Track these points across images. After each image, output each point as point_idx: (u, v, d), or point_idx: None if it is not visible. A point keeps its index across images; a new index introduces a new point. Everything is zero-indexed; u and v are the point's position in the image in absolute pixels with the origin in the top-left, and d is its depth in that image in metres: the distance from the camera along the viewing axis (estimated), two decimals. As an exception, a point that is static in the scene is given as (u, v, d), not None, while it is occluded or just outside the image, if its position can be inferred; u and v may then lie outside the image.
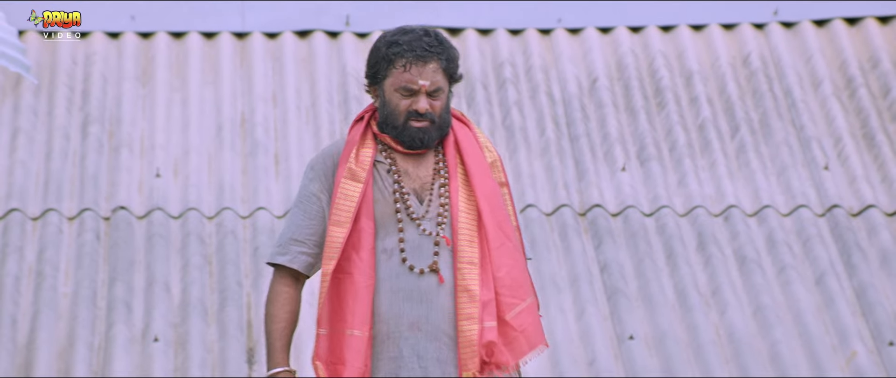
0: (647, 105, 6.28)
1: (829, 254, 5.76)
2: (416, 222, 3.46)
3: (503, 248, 3.46)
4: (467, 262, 3.43)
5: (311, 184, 3.50)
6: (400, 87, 3.47)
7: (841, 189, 5.98)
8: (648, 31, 6.54)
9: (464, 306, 3.43)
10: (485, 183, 3.49)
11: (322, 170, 3.51)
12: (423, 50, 3.47)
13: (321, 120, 6.21)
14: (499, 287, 3.45)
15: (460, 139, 3.51)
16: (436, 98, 3.48)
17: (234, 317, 5.53)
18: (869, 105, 6.27)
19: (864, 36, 6.53)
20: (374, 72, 3.50)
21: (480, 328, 3.41)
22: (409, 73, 3.46)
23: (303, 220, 3.50)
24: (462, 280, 3.43)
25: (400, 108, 3.47)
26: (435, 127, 3.48)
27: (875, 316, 5.56)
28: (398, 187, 3.48)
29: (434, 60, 3.47)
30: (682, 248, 5.76)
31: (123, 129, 6.14)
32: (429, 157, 3.51)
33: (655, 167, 6.04)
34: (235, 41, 6.51)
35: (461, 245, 3.44)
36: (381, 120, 3.51)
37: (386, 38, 3.50)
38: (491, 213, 3.47)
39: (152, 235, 5.76)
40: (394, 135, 3.48)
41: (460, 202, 3.47)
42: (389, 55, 3.47)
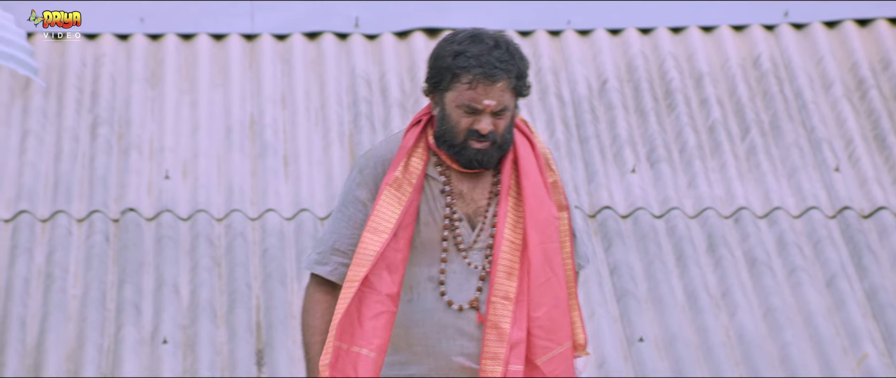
0: (657, 107, 6.29)
1: (840, 256, 5.76)
2: (462, 253, 3.17)
3: (547, 285, 3.15)
4: (502, 296, 3.13)
5: (359, 189, 3.22)
6: (462, 105, 3.15)
7: (852, 191, 5.98)
8: (658, 33, 6.56)
9: (490, 344, 3.13)
10: (540, 209, 3.17)
11: (372, 175, 3.22)
12: (493, 67, 3.14)
13: (330, 122, 6.23)
14: (534, 328, 3.13)
15: (520, 158, 3.19)
16: (500, 117, 3.16)
17: (244, 319, 5.54)
18: (880, 106, 6.27)
19: (875, 37, 6.54)
20: (436, 81, 3.18)
21: (504, 371, 3.12)
22: (475, 92, 3.14)
23: (346, 228, 3.22)
24: (493, 315, 3.13)
25: (460, 126, 3.16)
26: (495, 148, 3.17)
27: (886, 318, 5.56)
28: (450, 212, 3.18)
29: (503, 78, 3.14)
30: (692, 249, 5.76)
31: (132, 131, 6.15)
32: (486, 178, 3.21)
33: (665, 169, 6.05)
34: (244, 43, 6.54)
35: (498, 278, 3.14)
36: (438, 132, 3.20)
37: (453, 45, 3.17)
38: (539, 244, 3.15)
39: (161, 237, 5.77)
40: (450, 153, 3.17)
41: (506, 229, 3.16)
42: (454, 67, 3.15)
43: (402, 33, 6.58)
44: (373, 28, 6.53)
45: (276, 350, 5.49)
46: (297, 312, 5.61)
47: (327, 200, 5.95)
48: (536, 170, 3.20)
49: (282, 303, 5.58)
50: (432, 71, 3.18)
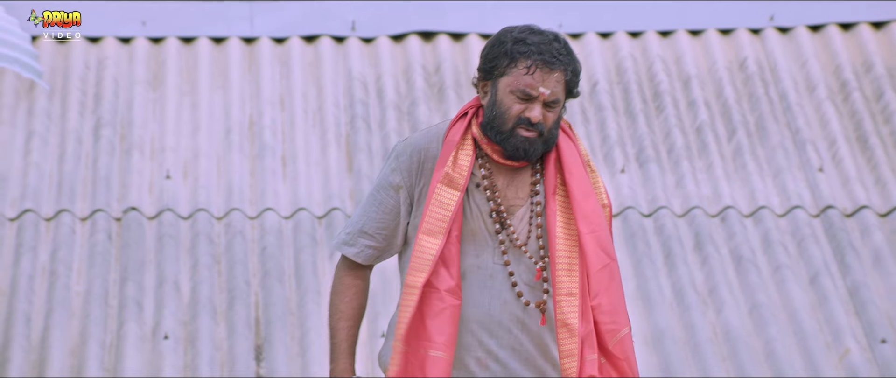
0: (646, 108, 6.30)
1: (823, 254, 5.79)
2: (521, 248, 3.13)
3: (605, 271, 3.12)
4: (566, 294, 3.10)
5: (393, 175, 3.18)
6: (517, 90, 3.12)
7: (835, 190, 6.01)
8: (647, 37, 6.57)
9: (564, 342, 3.10)
10: (587, 202, 3.12)
11: (408, 163, 3.18)
12: (552, 56, 3.11)
13: (327, 123, 6.25)
14: (598, 315, 3.12)
15: (564, 155, 3.14)
16: (551, 109, 3.12)
17: (243, 315, 5.56)
18: (862, 108, 6.29)
19: (857, 41, 6.56)
20: (492, 66, 3.13)
21: (580, 363, 3.10)
22: (532, 77, 3.11)
23: (375, 212, 3.19)
24: (561, 314, 3.10)
25: (511, 112, 3.12)
26: (542, 140, 3.12)
27: (868, 314, 5.60)
28: (495, 205, 3.14)
29: (560, 69, 3.11)
30: (680, 247, 5.79)
31: (135, 132, 6.17)
32: (524, 176, 3.17)
33: (654, 169, 6.07)
34: (244, 46, 6.55)
35: (559, 275, 3.11)
36: (486, 120, 3.15)
37: (512, 33, 3.13)
38: (592, 233, 3.11)
39: (162, 236, 5.79)
40: (496, 139, 3.13)
41: (558, 228, 3.12)
42: (514, 52, 3.11)
43: (398, 36, 6.59)
44: (369, 31, 6.54)
45: (274, 346, 5.52)
46: (295, 309, 5.62)
47: (324, 200, 5.97)
48: (581, 166, 3.17)
49: (280, 300, 5.61)
50: (488, 58, 3.14)
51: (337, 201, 5.97)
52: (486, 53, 3.17)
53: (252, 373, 5.45)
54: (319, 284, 5.69)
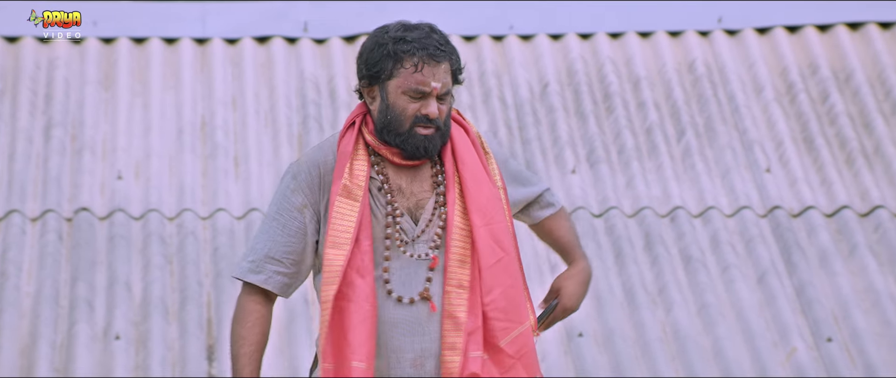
0: (596, 109, 6.32)
1: (771, 253, 5.81)
2: (401, 247, 3.04)
3: (499, 266, 3.04)
4: (456, 285, 3.02)
5: (294, 196, 3.07)
6: (409, 89, 3.03)
7: (782, 191, 6.03)
8: (597, 38, 6.60)
9: (448, 335, 3.01)
10: (480, 192, 3.06)
11: (307, 180, 3.08)
12: (436, 48, 3.03)
13: (280, 123, 6.23)
14: (490, 311, 3.02)
15: (457, 145, 3.09)
16: (444, 102, 3.06)
17: (195, 315, 5.55)
18: (809, 110, 6.34)
19: (803, 43, 6.60)
20: (376, 71, 3.04)
21: (463, 360, 3.00)
22: (422, 74, 3.02)
23: (281, 235, 3.07)
24: (448, 305, 3.01)
25: (407, 113, 3.04)
26: (439, 135, 3.07)
27: (814, 313, 5.63)
28: (391, 209, 3.05)
29: (446, 60, 3.05)
30: (630, 247, 5.80)
31: (86, 133, 6.13)
32: (424, 171, 3.10)
33: (604, 170, 6.09)
34: (196, 47, 6.53)
35: (451, 266, 3.02)
36: (380, 125, 3.06)
37: (389, 33, 3.06)
38: (483, 226, 3.04)
39: (114, 236, 5.77)
40: (396, 142, 3.05)
41: (456, 217, 3.04)
42: (397, 53, 3.02)
43: (350, 37, 6.59)
44: (321, 32, 6.52)
45: (225, 346, 5.51)
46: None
47: None
48: (474, 154, 3.10)
49: (232, 300, 5.57)
50: (370, 63, 3.05)
51: None
52: (366, 59, 3.08)
53: (204, 373, 5.43)
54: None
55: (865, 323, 5.63)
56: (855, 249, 5.84)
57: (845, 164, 6.16)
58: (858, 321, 5.63)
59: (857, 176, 6.11)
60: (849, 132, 6.25)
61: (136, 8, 6.34)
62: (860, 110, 6.36)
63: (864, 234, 5.90)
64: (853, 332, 5.60)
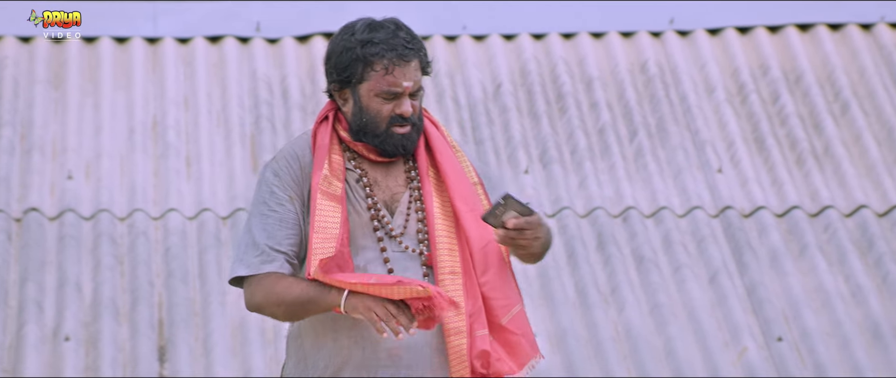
0: (549, 110, 6.33)
1: (722, 253, 5.83)
2: (396, 239, 3.06)
3: (489, 248, 3.05)
4: (449, 272, 3.02)
5: (281, 190, 3.06)
6: (382, 92, 3.04)
7: (733, 191, 6.05)
8: (550, 39, 6.60)
9: (451, 321, 3.01)
10: (460, 182, 3.08)
11: (288, 172, 3.08)
12: (404, 48, 3.05)
13: (232, 123, 6.22)
14: (488, 290, 3.04)
15: (431, 140, 3.10)
16: (416, 98, 3.08)
17: (146, 316, 5.53)
18: (760, 110, 6.35)
19: (755, 44, 6.62)
20: (347, 75, 3.05)
21: (470, 340, 3.01)
22: (393, 76, 3.04)
23: (279, 229, 3.05)
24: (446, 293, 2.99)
25: (382, 114, 3.05)
26: (415, 130, 3.08)
27: (765, 313, 5.65)
28: (372, 202, 3.07)
29: (415, 58, 3.06)
30: (583, 248, 5.82)
31: (35, 133, 6.10)
32: (397, 166, 3.12)
33: (557, 170, 6.10)
34: (147, 46, 6.51)
35: (440, 255, 3.03)
36: (356, 127, 3.08)
37: (356, 36, 3.07)
38: (469, 212, 3.05)
39: (64, 236, 5.74)
40: (375, 143, 3.07)
41: (435, 208, 3.06)
42: (366, 56, 3.03)
43: (303, 37, 6.57)
44: (274, 32, 6.51)
45: (177, 347, 5.49)
46: (199, 310, 5.59)
47: (229, 200, 5.95)
48: (449, 148, 3.12)
49: (184, 300, 5.58)
50: (340, 67, 3.06)
51: (242, 202, 5.95)
52: (335, 63, 3.08)
53: (155, 373, 5.41)
54: (224, 285, 5.67)
55: (815, 322, 5.66)
56: (805, 249, 5.87)
57: (796, 164, 6.19)
58: (808, 321, 5.66)
59: (807, 176, 6.14)
60: (799, 133, 6.28)
61: (86, 7, 6.28)
62: (810, 111, 6.39)
63: (814, 234, 5.93)
64: (803, 331, 5.63)
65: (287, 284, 3.02)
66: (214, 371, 5.41)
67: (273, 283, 3.03)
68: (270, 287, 3.03)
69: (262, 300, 3.03)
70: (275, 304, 3.03)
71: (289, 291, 3.02)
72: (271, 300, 3.03)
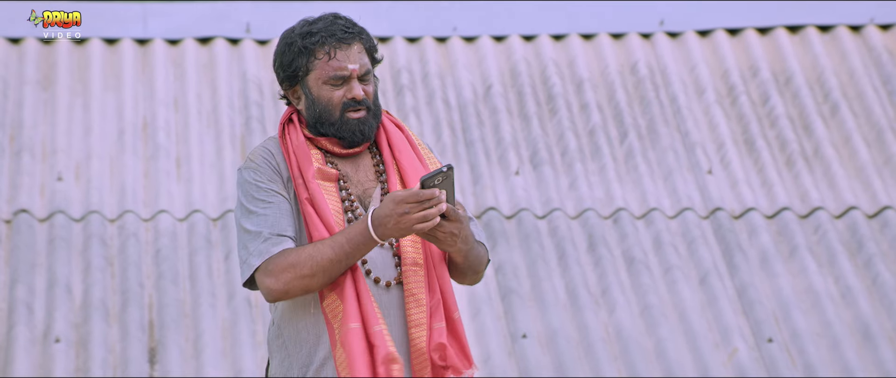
0: (539, 111, 6.33)
1: (713, 255, 5.84)
2: None
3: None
4: (411, 264, 3.07)
5: (269, 183, 3.07)
6: (329, 78, 3.07)
7: (723, 192, 6.06)
8: (540, 40, 6.60)
9: (412, 312, 3.06)
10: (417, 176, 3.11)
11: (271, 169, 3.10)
12: (343, 32, 3.07)
13: (222, 124, 6.21)
14: (444, 284, 3.10)
15: (391, 137, 3.13)
16: (367, 83, 3.10)
17: (136, 317, 5.53)
18: (750, 112, 6.36)
19: (744, 46, 6.63)
20: (293, 70, 3.08)
21: (429, 333, 3.04)
22: (336, 60, 3.06)
23: (281, 218, 3.05)
24: (408, 284, 3.06)
25: (333, 101, 3.08)
26: (372, 115, 3.10)
27: (755, 314, 5.66)
28: (346, 194, 3.09)
29: (357, 41, 3.09)
30: (573, 249, 5.82)
31: (25, 134, 6.09)
32: (366, 160, 3.14)
33: (548, 171, 6.10)
34: (137, 47, 6.49)
35: (404, 246, 3.07)
36: (313, 121, 3.10)
37: (295, 31, 3.10)
38: None
39: (54, 238, 5.73)
40: (332, 132, 3.08)
41: None
42: (308, 46, 3.06)
43: None
44: (264, 33, 6.52)
45: (168, 348, 5.49)
46: (189, 311, 5.58)
47: (219, 202, 5.95)
48: (407, 144, 3.15)
49: (174, 301, 5.59)
50: (285, 65, 3.09)
51: (232, 203, 5.94)
52: (279, 62, 3.10)
53: (146, 375, 5.41)
54: (214, 286, 5.67)
55: (805, 323, 5.67)
56: (795, 251, 5.88)
57: (785, 165, 6.20)
58: (798, 322, 5.66)
59: (797, 178, 6.15)
60: (789, 134, 6.30)
61: (77, 8, 6.25)
62: (800, 112, 6.40)
63: (804, 235, 5.94)
64: (793, 332, 5.64)
65: (309, 253, 3.00)
66: (205, 372, 5.40)
67: (294, 260, 3.01)
68: (294, 263, 3.01)
69: (290, 280, 3.02)
70: (308, 275, 3.03)
71: (319, 255, 3.00)
72: (303, 273, 3.02)
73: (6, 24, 6.38)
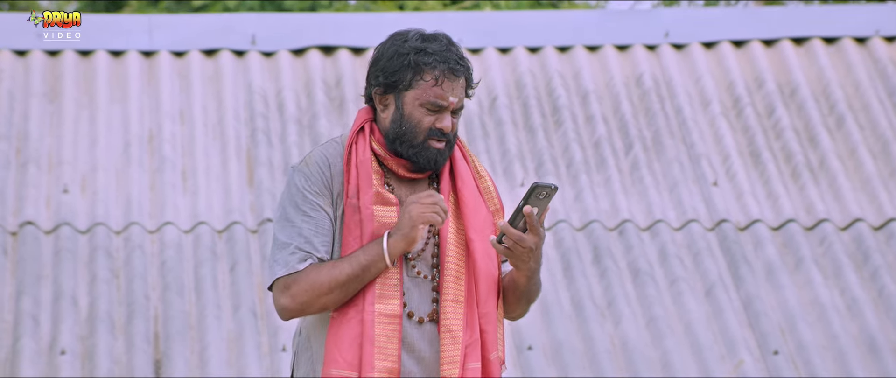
0: (544, 123, 6.33)
1: (718, 266, 5.84)
2: (410, 261, 3.05)
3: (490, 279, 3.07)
4: (451, 300, 3.02)
5: (315, 197, 3.01)
6: (427, 102, 3.02)
7: (729, 204, 6.06)
8: (546, 52, 6.59)
9: (447, 349, 3.02)
10: (477, 212, 3.06)
11: (322, 180, 3.04)
12: (456, 63, 3.03)
13: (228, 137, 6.22)
14: (485, 323, 3.04)
15: (456, 164, 3.08)
16: (456, 116, 3.07)
17: (142, 329, 5.53)
18: (755, 124, 6.35)
19: (749, 57, 6.62)
20: (394, 80, 3.01)
21: (462, 371, 3.01)
22: (441, 88, 3.01)
23: (315, 235, 3.01)
24: (445, 320, 3.00)
25: (422, 125, 3.02)
26: (448, 148, 3.06)
27: (761, 326, 5.66)
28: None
29: (463, 76, 3.04)
30: (579, 260, 5.81)
31: (31, 145, 6.10)
32: (422, 186, 3.09)
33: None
34: (143, 59, 6.49)
35: (446, 282, 3.02)
36: (393, 135, 3.04)
37: (409, 43, 3.04)
38: (480, 242, 3.05)
39: (60, 250, 5.73)
40: (408, 154, 3.03)
41: (450, 234, 3.04)
42: (419, 64, 3.00)
43: (299, 51, 6.55)
44: (270, 45, 6.50)
45: (173, 360, 5.49)
46: (195, 323, 5.59)
47: (225, 214, 5.94)
48: (471, 174, 3.11)
49: (179, 313, 5.58)
50: (389, 71, 3.02)
51: (237, 215, 5.94)
52: (383, 66, 3.05)
53: (151, 387, 5.42)
54: (219, 298, 5.66)
55: (811, 335, 5.66)
56: (801, 263, 5.87)
57: (791, 177, 6.19)
58: (804, 334, 5.66)
59: (802, 190, 6.14)
60: (794, 146, 6.28)
61: (82, 20, 6.26)
62: (805, 124, 6.40)
63: (810, 247, 5.94)
64: (799, 344, 5.64)
65: (328, 268, 2.98)
66: (211, 381, 5.42)
67: (315, 276, 2.99)
68: (314, 279, 2.98)
69: (308, 297, 2.98)
70: (325, 292, 3.00)
71: (338, 271, 2.98)
72: (320, 290, 2.99)
73: (12, 36, 6.39)
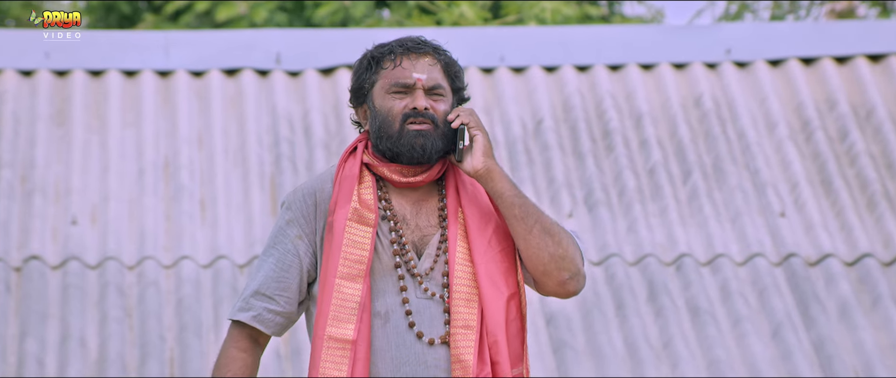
0: (594, 148, 6.27)
1: (786, 305, 5.76)
2: (418, 280, 3.06)
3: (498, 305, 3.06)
4: (462, 326, 3.04)
5: (289, 227, 3.09)
6: (392, 86, 3.07)
7: (798, 237, 5.99)
8: (596, 71, 6.55)
9: None
10: (481, 233, 3.07)
11: (302, 209, 3.10)
12: (414, 44, 3.09)
13: (250, 163, 6.15)
14: (494, 354, 3.06)
15: (459, 176, 3.09)
16: (437, 98, 3.07)
17: (156, 372, 5.49)
18: (826, 149, 6.30)
19: (820, 76, 6.57)
20: (360, 84, 3.11)
21: None
22: (401, 68, 3.07)
23: (273, 270, 3.08)
24: (455, 348, 3.03)
25: (394, 111, 3.06)
26: (438, 133, 3.05)
27: (834, 370, 5.58)
28: (396, 236, 3.06)
29: (428, 55, 3.08)
30: (632, 298, 5.74)
31: (37, 173, 6.07)
32: (432, 203, 3.09)
33: (604, 213, 6.02)
34: (158, 79, 6.46)
35: (456, 305, 3.04)
36: (375, 136, 3.08)
37: (369, 49, 3.16)
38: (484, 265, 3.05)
39: (68, 286, 5.69)
40: (390, 146, 3.05)
41: (458, 254, 3.07)
42: (375, 56, 3.10)
43: (327, 70, 6.52)
44: (295, 64, 6.47)
45: (190, 406, 5.51)
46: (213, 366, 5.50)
47: (247, 247, 5.91)
48: (479, 190, 3.10)
49: (197, 355, 5.52)
50: (355, 80, 3.14)
51: (260, 248, 5.92)
52: (353, 80, 3.17)
53: (166, 437, 5.41)
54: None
55: (892, 382, 5.69)
56: (878, 301, 5.81)
57: (867, 208, 6.13)
58: (884, 379, 5.69)
59: (879, 221, 6.07)
60: (870, 173, 6.22)
61: (93, 37, 6.31)
62: (882, 149, 6.33)
63: (889, 284, 5.88)
64: (879, 391, 5.67)
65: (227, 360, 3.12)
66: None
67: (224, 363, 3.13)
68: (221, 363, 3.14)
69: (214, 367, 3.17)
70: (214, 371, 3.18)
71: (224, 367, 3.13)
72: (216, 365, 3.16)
73: (17, 55, 6.39)
